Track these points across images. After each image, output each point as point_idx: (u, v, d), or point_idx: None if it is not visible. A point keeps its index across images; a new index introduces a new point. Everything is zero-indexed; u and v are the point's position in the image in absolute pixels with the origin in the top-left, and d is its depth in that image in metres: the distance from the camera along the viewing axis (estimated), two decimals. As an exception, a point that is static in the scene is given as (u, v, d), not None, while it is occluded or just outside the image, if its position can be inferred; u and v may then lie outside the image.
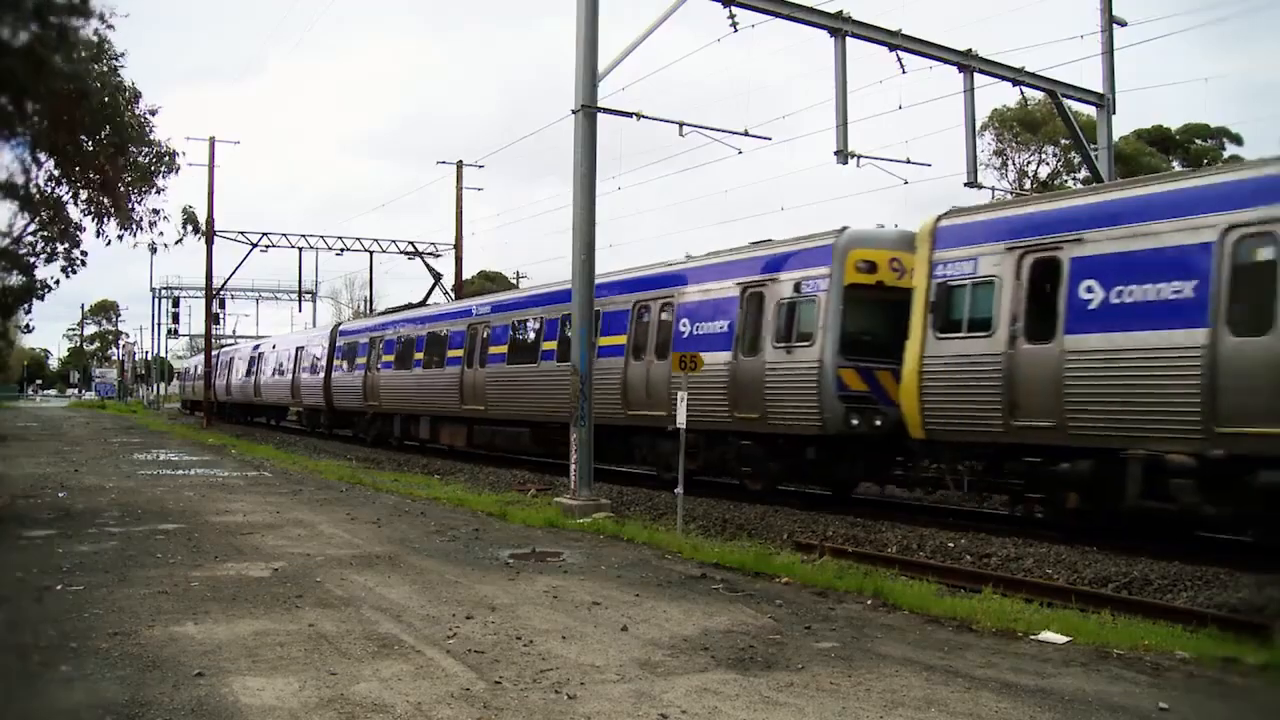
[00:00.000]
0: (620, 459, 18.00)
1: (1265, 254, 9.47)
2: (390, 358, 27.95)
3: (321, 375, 33.11)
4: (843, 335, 13.65)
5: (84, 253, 18.21)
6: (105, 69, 15.72)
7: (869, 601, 7.77)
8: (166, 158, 18.43)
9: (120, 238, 17.99)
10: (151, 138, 17.86)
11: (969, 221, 12.43)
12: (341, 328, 34.28)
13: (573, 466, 13.39)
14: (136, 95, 17.11)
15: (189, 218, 25.50)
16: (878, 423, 13.41)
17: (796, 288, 14.33)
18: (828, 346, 13.61)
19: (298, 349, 36.79)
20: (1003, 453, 11.87)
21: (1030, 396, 11.13)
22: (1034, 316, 11.31)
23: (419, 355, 26.18)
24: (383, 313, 36.10)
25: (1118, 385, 10.37)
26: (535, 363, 20.53)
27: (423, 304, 31.14)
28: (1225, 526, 10.63)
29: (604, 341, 17.67)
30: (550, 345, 20.03)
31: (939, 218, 12.75)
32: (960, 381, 11.97)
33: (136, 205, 18.13)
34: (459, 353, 23.85)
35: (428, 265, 36.68)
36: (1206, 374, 9.64)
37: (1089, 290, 10.72)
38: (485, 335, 22.93)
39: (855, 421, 13.45)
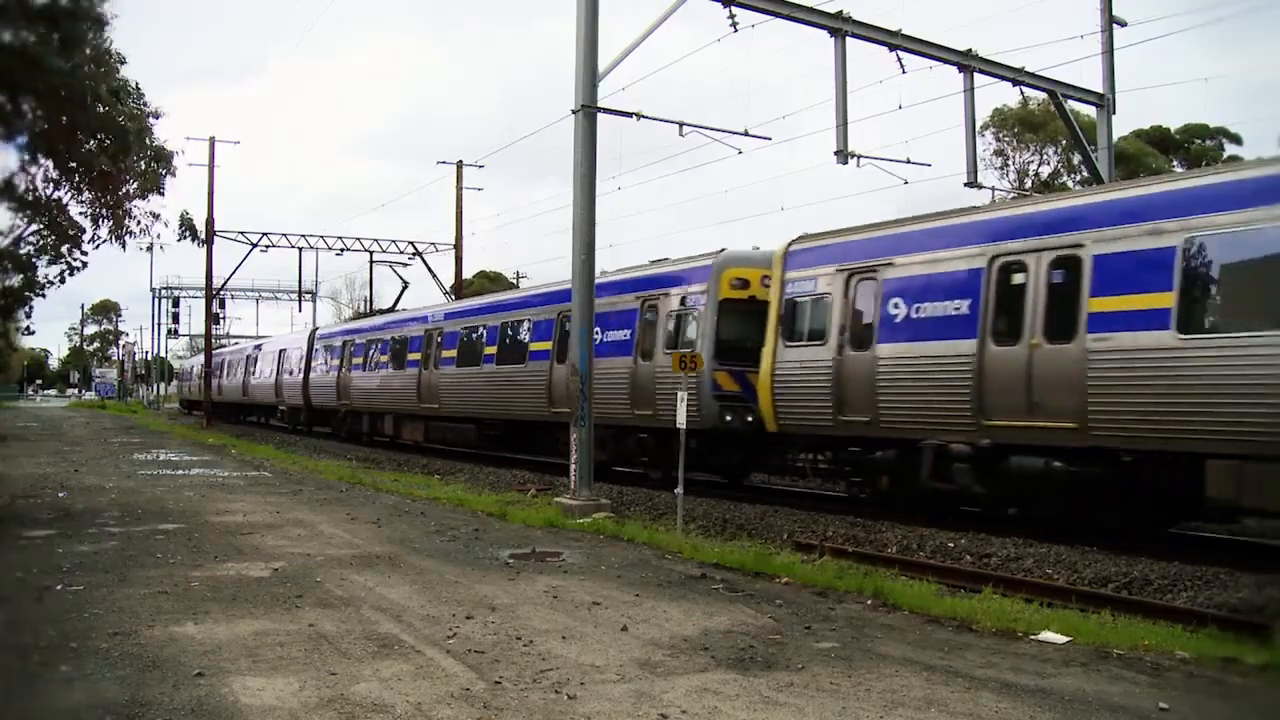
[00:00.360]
0: (548, 451, 19.99)
1: (1018, 278, 11.60)
2: (359, 360, 30.08)
3: (300, 376, 35.18)
4: (718, 343, 15.71)
5: (84, 252, 18.22)
6: (104, 69, 15.67)
7: (869, 601, 7.76)
8: (164, 160, 18.39)
9: (113, 241, 17.98)
10: (153, 143, 17.84)
11: (812, 246, 14.60)
12: (318, 332, 36.48)
13: (573, 467, 13.38)
14: (141, 98, 17.08)
15: (187, 225, 25.85)
16: (750, 419, 15.26)
17: (683, 301, 16.40)
18: (705, 352, 15.32)
19: (281, 351, 38.61)
20: (836, 443, 14.12)
21: (853, 396, 13.31)
22: (856, 328, 13.54)
23: (384, 358, 28.30)
24: (355, 318, 39.66)
25: (914, 386, 12.55)
26: (479, 365, 22.62)
27: (392, 309, 32.54)
28: (994, 504, 12.49)
29: (535, 347, 20.21)
30: (491, 350, 22.15)
31: (790, 242, 14.89)
32: (802, 383, 14.14)
33: (136, 209, 18.12)
34: (417, 356, 25.89)
35: (397, 272, 36.77)
36: (975, 376, 11.73)
37: (896, 306, 12.94)
38: (439, 340, 24.80)
39: (729, 418, 15.50)
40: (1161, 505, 10.98)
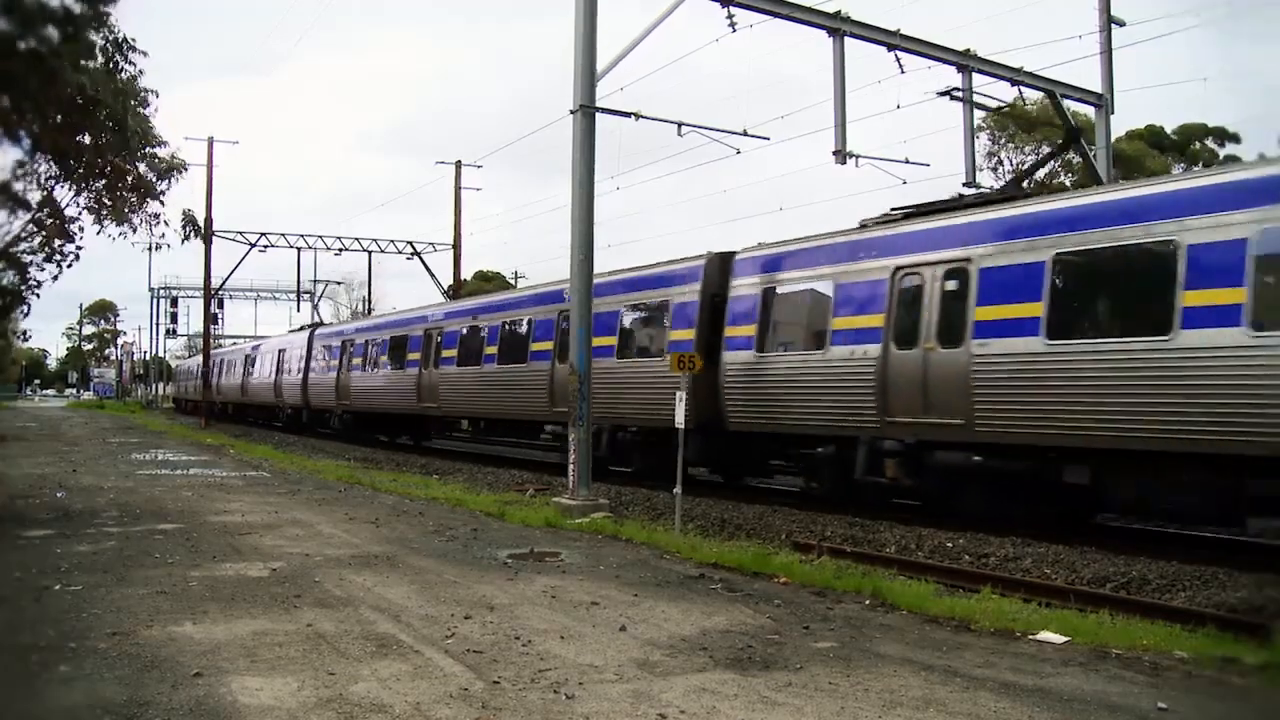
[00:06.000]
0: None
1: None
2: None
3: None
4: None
5: (78, 248, 18.07)
6: (116, 72, 15.53)
7: (867, 601, 7.76)
8: (177, 168, 18.27)
9: (115, 235, 17.86)
10: (160, 153, 17.74)
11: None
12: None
13: (571, 467, 13.38)
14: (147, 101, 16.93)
15: (189, 221, 26.12)
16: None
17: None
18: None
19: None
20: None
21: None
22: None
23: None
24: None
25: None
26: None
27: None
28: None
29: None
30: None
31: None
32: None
33: (137, 211, 18.00)
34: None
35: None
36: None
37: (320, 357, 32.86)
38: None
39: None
40: None
